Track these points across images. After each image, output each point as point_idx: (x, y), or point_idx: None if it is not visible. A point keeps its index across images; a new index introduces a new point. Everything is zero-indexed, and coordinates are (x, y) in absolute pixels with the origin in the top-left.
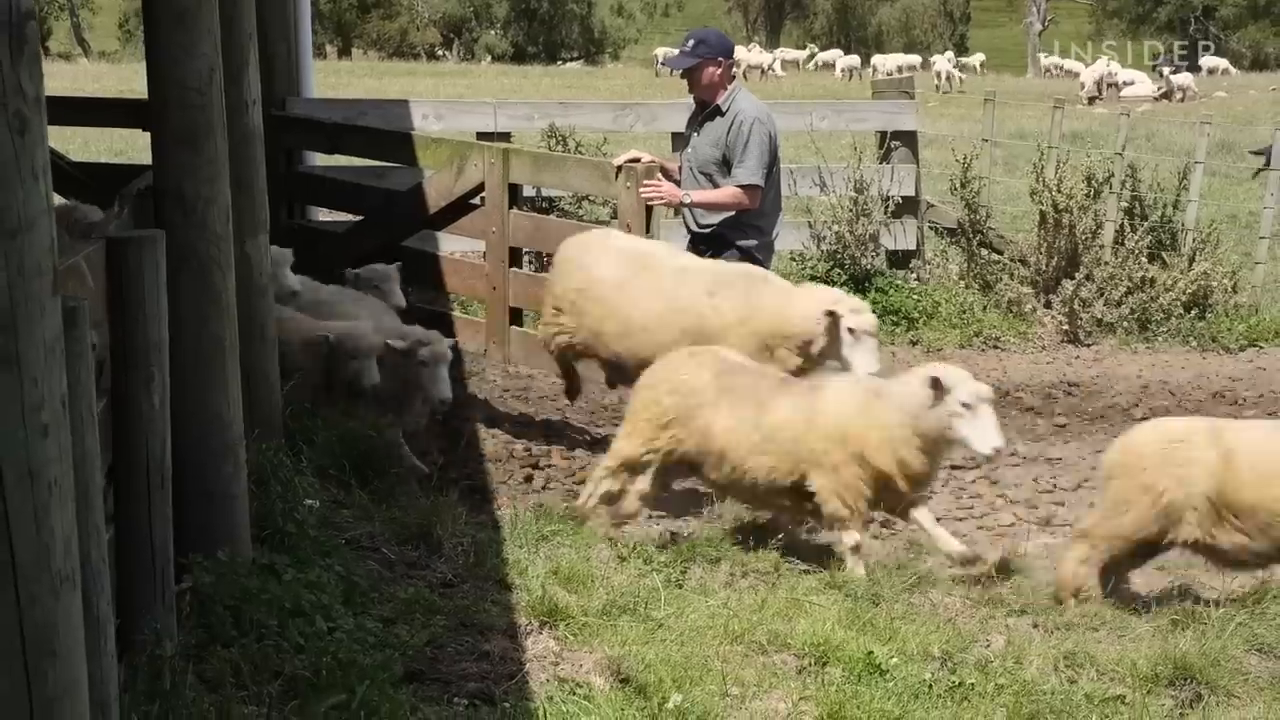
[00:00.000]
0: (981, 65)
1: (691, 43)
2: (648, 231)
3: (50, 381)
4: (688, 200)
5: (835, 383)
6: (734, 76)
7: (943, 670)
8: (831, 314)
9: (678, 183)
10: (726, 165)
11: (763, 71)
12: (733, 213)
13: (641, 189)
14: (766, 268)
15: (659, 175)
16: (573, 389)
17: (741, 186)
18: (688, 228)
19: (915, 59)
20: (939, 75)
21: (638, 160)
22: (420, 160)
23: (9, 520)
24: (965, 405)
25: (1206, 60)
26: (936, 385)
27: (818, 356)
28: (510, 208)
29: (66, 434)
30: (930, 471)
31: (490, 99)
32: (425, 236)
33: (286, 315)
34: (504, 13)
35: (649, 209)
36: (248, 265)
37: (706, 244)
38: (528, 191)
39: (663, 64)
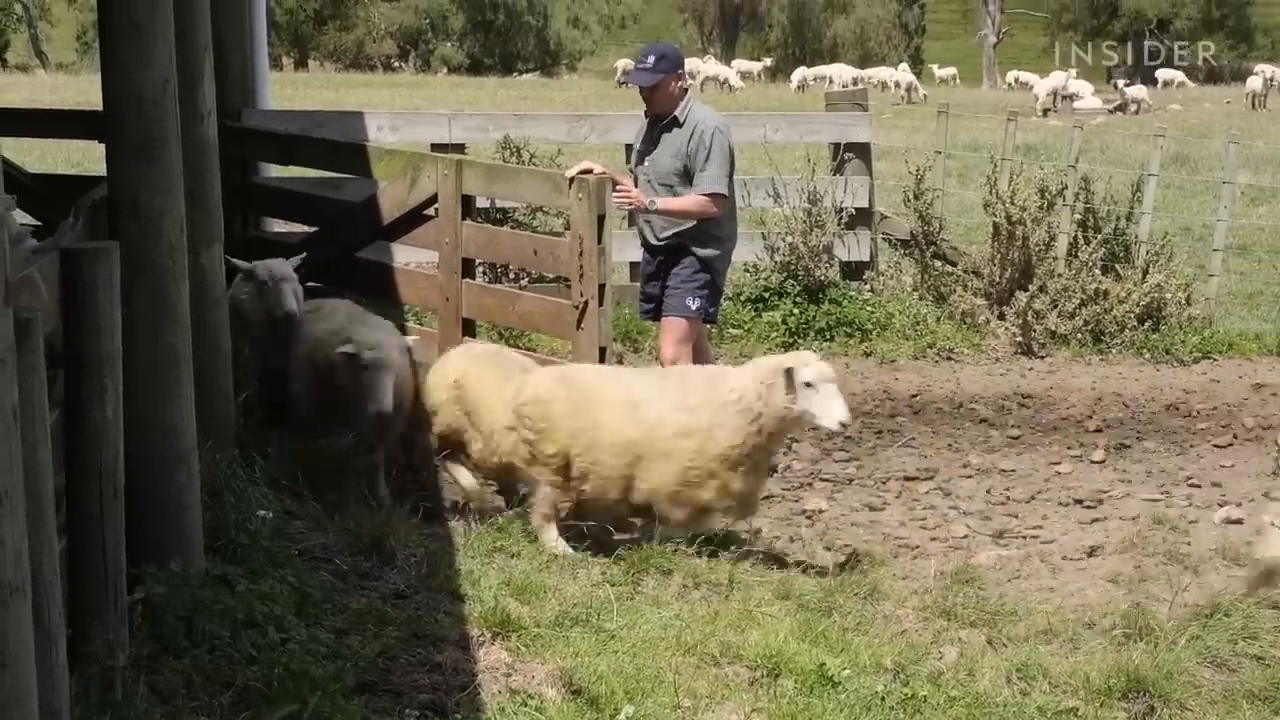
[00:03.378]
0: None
1: (652, 58)
2: (599, 242)
3: (1, 392)
4: (654, 206)
5: None
6: (687, 88)
7: (895, 682)
8: None
9: None
10: (688, 175)
11: (720, 83)
12: (694, 222)
13: (615, 197)
14: (724, 276)
15: (610, 186)
16: None
17: (705, 194)
18: (645, 241)
19: (860, 72)
20: (897, 85)
21: (589, 172)
22: (375, 172)
23: None
24: None
25: (1162, 73)
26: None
27: None
28: (463, 219)
29: (18, 444)
30: None
31: (445, 110)
32: (380, 247)
33: None
34: (460, 24)
35: (601, 220)
36: (202, 276)
37: (666, 255)
38: (483, 203)
39: (625, 81)
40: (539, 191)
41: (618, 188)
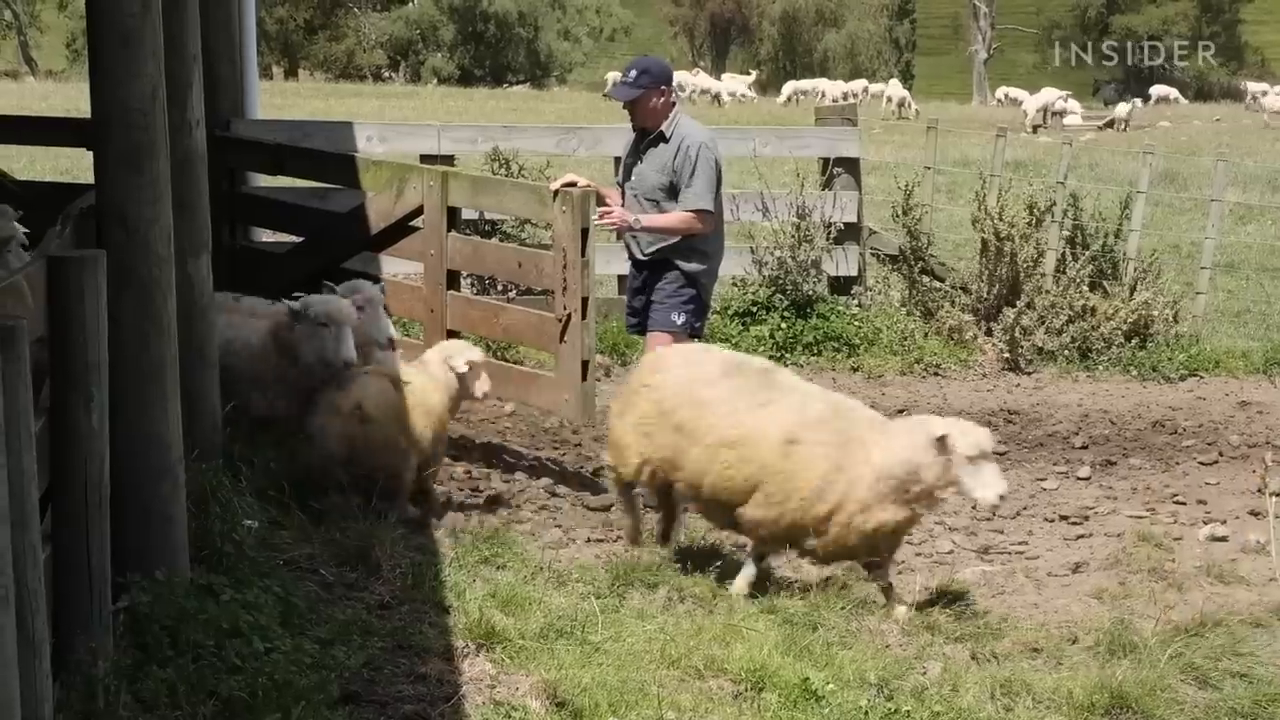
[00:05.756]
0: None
1: (634, 73)
2: (583, 255)
3: None
4: (638, 224)
5: None
6: (675, 103)
7: (879, 697)
8: None
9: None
10: (673, 191)
11: (713, 97)
12: (679, 238)
13: (598, 219)
14: (710, 292)
15: (594, 199)
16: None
17: (690, 211)
18: (631, 255)
19: (848, 86)
20: (889, 100)
21: (574, 184)
22: (362, 182)
23: None
24: None
25: (1156, 89)
26: None
27: None
28: (449, 230)
29: (2, 452)
30: None
31: (435, 122)
32: (369, 258)
33: None
34: (450, 36)
35: (585, 233)
36: (189, 286)
37: (651, 270)
38: (472, 214)
39: (606, 93)
40: (524, 204)
41: (600, 208)
